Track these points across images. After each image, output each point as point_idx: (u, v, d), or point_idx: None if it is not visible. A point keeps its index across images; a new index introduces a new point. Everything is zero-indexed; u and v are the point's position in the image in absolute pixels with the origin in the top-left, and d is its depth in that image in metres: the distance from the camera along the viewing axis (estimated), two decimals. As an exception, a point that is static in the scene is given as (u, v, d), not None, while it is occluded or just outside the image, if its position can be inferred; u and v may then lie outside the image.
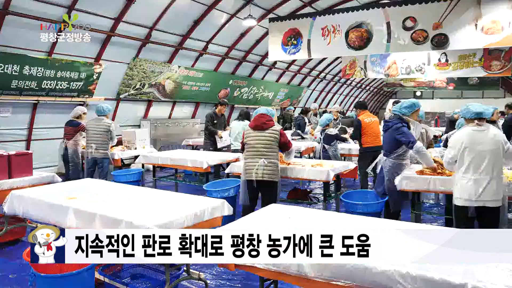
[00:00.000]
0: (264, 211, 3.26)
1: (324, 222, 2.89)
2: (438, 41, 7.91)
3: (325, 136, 6.98)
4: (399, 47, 8.40)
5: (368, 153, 6.46)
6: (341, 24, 8.76)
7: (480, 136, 3.50)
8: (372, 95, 28.30)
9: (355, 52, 8.86)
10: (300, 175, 5.15)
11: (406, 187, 4.36)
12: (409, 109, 4.59)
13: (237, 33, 12.34)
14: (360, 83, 24.38)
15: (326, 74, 19.60)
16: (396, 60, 13.14)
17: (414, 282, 1.99)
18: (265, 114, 4.68)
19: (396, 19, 8.21)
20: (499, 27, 7.36)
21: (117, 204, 3.41)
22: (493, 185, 3.47)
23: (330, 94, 22.40)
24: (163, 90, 11.31)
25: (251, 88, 15.20)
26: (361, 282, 2.13)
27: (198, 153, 7.13)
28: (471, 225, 3.61)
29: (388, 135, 4.63)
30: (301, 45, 9.31)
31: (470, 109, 3.59)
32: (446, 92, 24.11)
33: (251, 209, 4.47)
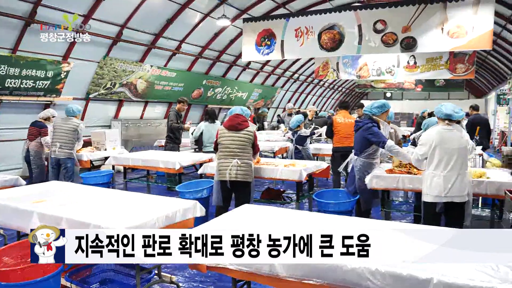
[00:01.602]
0: (237, 211, 3.24)
1: (296, 222, 2.91)
2: (407, 44, 8.12)
3: (297, 137, 7.04)
4: (370, 49, 8.57)
5: (340, 152, 6.55)
6: (314, 25, 8.86)
7: (449, 135, 3.64)
8: (344, 96, 28.79)
9: (327, 54, 8.98)
10: (273, 175, 5.17)
11: (376, 185, 4.46)
12: (379, 109, 4.68)
13: (211, 33, 12.28)
14: (332, 84, 24.77)
15: (299, 75, 19.80)
16: (367, 62, 13.41)
17: (383, 279, 2.03)
18: (240, 115, 4.66)
19: (367, 22, 8.37)
20: (464, 31, 7.62)
21: (85, 207, 3.31)
22: (460, 181, 3.62)
23: (303, 95, 22.63)
24: (134, 90, 11.11)
25: (225, 88, 15.17)
26: (332, 281, 2.16)
27: (171, 154, 7.03)
28: (439, 220, 3.73)
29: (359, 135, 4.71)
30: (274, 46, 9.35)
31: (442, 110, 3.72)
32: (415, 94, 24.83)
33: (224, 210, 4.45)
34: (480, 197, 5.05)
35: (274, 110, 20.47)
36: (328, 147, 8.08)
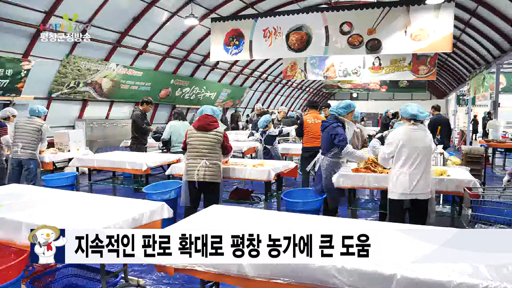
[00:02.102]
0: (206, 212, 3.22)
1: (265, 221, 2.92)
2: (372, 46, 8.33)
3: (266, 137, 7.08)
4: (336, 50, 8.73)
5: (309, 152, 6.63)
6: (282, 26, 8.93)
7: (415, 135, 3.77)
8: (312, 96, 29.20)
9: (295, 54, 9.08)
10: (241, 175, 5.17)
11: (343, 184, 4.56)
12: (345, 110, 4.78)
13: (179, 32, 12.13)
14: (300, 84, 25.06)
15: (268, 75, 19.90)
16: (334, 62, 13.65)
17: (349, 276, 2.08)
18: (210, 115, 4.62)
19: (334, 24, 8.52)
20: (426, 34, 7.90)
21: (47, 211, 3.18)
22: (425, 179, 3.77)
23: (272, 95, 22.78)
24: (99, 89, 10.81)
25: (193, 88, 15.03)
26: (300, 279, 2.18)
27: (138, 154, 6.89)
28: (403, 217, 3.85)
29: (326, 134, 4.79)
30: (243, 46, 9.35)
31: (408, 110, 3.86)
32: (380, 94, 25.54)
33: (193, 211, 4.40)
34: (441, 194, 5.25)
35: (243, 110, 20.49)
36: (297, 147, 8.18)
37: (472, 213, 3.81)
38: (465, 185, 4.17)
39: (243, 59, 12.75)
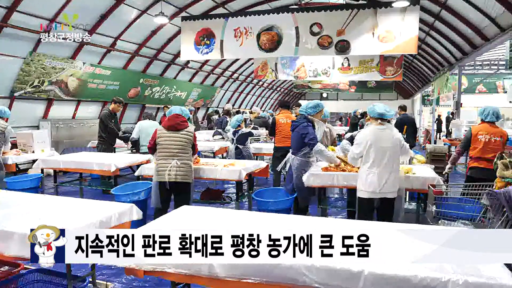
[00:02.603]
0: (176, 213, 3.18)
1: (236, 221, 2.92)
2: (341, 47, 8.48)
3: (238, 136, 7.07)
4: (306, 51, 8.84)
5: (281, 152, 6.67)
6: (253, 26, 8.96)
7: (382, 134, 3.86)
8: (283, 96, 29.42)
9: (266, 54, 9.12)
10: (212, 175, 5.15)
11: (313, 183, 4.62)
12: (314, 109, 4.85)
13: (148, 30, 11.93)
14: (271, 84, 25.20)
15: (239, 75, 19.90)
16: (304, 63, 13.82)
17: (318, 273, 2.11)
18: (180, 115, 4.60)
19: (304, 24, 8.62)
20: (392, 36, 8.13)
21: (10, 214, 3.05)
22: (393, 178, 3.87)
23: (243, 95, 22.79)
24: (66, 88, 10.48)
25: (163, 88, 14.83)
26: (270, 278, 2.20)
27: (106, 155, 6.72)
28: (372, 215, 3.95)
29: (296, 134, 4.84)
30: (214, 45, 9.32)
31: (375, 109, 3.95)
32: (349, 94, 26.03)
33: (163, 212, 4.35)
34: (407, 191, 5.41)
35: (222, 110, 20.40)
36: (268, 146, 8.22)
37: (436, 210, 3.96)
38: (430, 182, 4.32)
39: (214, 59, 12.70)
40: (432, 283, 1.97)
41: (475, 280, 1.94)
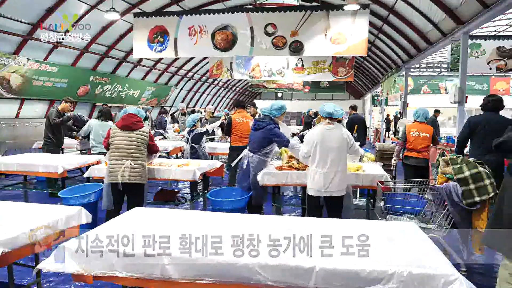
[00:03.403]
0: (128, 215, 3.10)
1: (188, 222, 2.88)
2: (295, 48, 8.63)
3: (193, 135, 6.98)
4: (261, 51, 8.90)
5: (237, 151, 6.67)
6: (208, 25, 8.89)
7: (330, 134, 3.96)
8: (238, 95, 29.46)
9: (221, 54, 9.09)
10: (166, 176, 5.05)
11: (268, 182, 4.68)
12: (278, 111, 4.92)
13: (99, 26, 11.48)
14: (227, 83, 25.16)
15: (194, 74, 19.68)
16: (259, 63, 13.91)
17: (272, 271, 2.14)
18: (134, 115, 4.52)
19: (259, 25, 8.68)
20: (344, 38, 8.39)
21: None
22: (339, 177, 3.97)
23: (198, 94, 22.56)
24: (8, 86, 9.84)
25: (115, 86, 14.35)
26: (225, 278, 2.20)
27: (53, 156, 6.39)
28: (320, 211, 4.06)
29: (260, 134, 4.84)
30: (167, 43, 9.15)
31: (324, 109, 4.05)
32: (303, 94, 26.52)
33: (115, 214, 4.20)
34: (358, 188, 5.61)
35: (168, 109, 20.02)
36: (223, 146, 8.20)
37: (384, 205, 4.14)
38: (378, 179, 4.51)
39: (168, 57, 12.48)
40: (380, 275, 2.06)
41: (419, 271, 2.05)
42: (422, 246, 2.41)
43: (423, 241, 2.51)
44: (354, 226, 2.77)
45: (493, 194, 3.55)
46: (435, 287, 2.02)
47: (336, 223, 2.91)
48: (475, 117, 5.08)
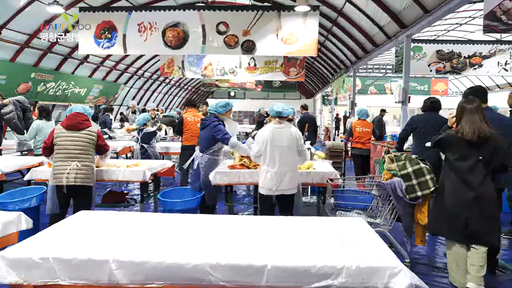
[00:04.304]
0: (72, 219, 2.94)
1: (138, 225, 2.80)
2: (247, 47, 8.65)
3: (143, 135, 6.80)
4: (213, 50, 8.84)
5: (189, 150, 6.58)
6: (158, 21, 8.70)
7: (280, 133, 4.00)
8: (190, 94, 29.11)
9: (172, 51, 8.92)
10: (115, 177, 4.86)
11: (220, 181, 4.65)
12: (223, 108, 4.89)
13: (40, 20, 10.82)
14: (178, 82, 24.75)
15: (144, 71, 19.17)
16: (211, 61, 13.80)
17: (224, 271, 2.13)
18: (81, 113, 4.30)
19: (211, 23, 8.62)
20: (295, 38, 8.53)
21: None
22: (290, 176, 4.01)
23: (149, 92, 22.01)
24: None
25: (59, 83, 13.63)
26: (175, 280, 2.15)
27: (-11, 158, 5.97)
28: (273, 210, 4.09)
29: (206, 132, 4.82)
30: (116, 40, 8.83)
31: (273, 108, 4.09)
32: (255, 93, 26.70)
33: (60, 218, 3.99)
34: (309, 186, 5.73)
35: (118, 108, 19.37)
36: (175, 145, 8.06)
37: (334, 202, 4.26)
38: (328, 177, 4.63)
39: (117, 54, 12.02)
40: (330, 271, 2.11)
41: (366, 264, 2.13)
42: (369, 240, 2.50)
43: (370, 235, 2.61)
44: (305, 223, 2.82)
45: (433, 189, 3.77)
46: (381, 279, 2.10)
47: (288, 220, 2.94)
48: (417, 116, 5.37)
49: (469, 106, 3.40)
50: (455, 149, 3.39)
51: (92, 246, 2.28)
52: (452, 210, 3.38)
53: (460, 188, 3.36)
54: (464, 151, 3.34)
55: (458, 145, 3.36)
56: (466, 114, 3.38)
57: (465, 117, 3.38)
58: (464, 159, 3.34)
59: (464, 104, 3.45)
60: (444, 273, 3.97)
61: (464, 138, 3.30)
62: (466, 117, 3.37)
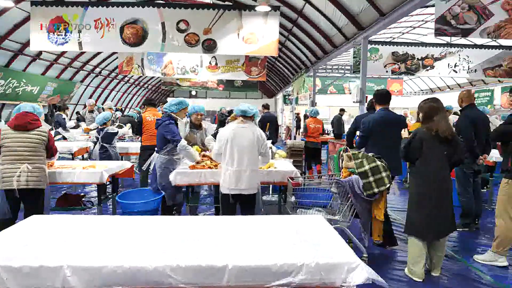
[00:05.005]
0: (23, 224, 2.80)
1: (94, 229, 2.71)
2: (208, 46, 8.59)
3: (104, 134, 6.56)
4: (173, 48, 8.70)
5: (149, 151, 6.45)
6: (116, 18, 8.45)
7: (242, 132, 3.99)
8: (150, 93, 28.52)
9: (130, 49, 8.69)
10: (70, 179, 4.66)
11: (181, 182, 4.58)
12: (177, 107, 4.82)
13: (-13, 14, 10.24)
14: (138, 80, 24.18)
15: (102, 69, 18.57)
16: (172, 60, 13.57)
17: (184, 273, 2.10)
18: (30, 113, 4.09)
19: (171, 20, 8.47)
20: (256, 38, 8.56)
21: None
22: (250, 175, 3.99)
23: (107, 91, 21.35)
24: None
25: (9, 81, 12.91)
26: (135, 284, 2.10)
27: None
28: (234, 210, 4.08)
29: (159, 132, 4.74)
30: (70, 36, 8.48)
31: (239, 107, 4.08)
32: (217, 92, 26.63)
33: (10, 224, 3.79)
34: (270, 184, 5.78)
35: (74, 107, 18.64)
36: (135, 145, 7.87)
37: (295, 200, 4.32)
38: (289, 175, 4.69)
39: (72, 50, 11.60)
40: (290, 268, 2.14)
41: (325, 261, 2.17)
42: (328, 237, 2.56)
43: (329, 232, 2.67)
44: (265, 222, 2.84)
45: (389, 185, 3.91)
46: (339, 274, 2.15)
47: (249, 220, 2.95)
48: (360, 116, 5.72)
49: (440, 105, 3.75)
50: (427, 145, 3.70)
51: (44, 252, 2.18)
52: (430, 207, 3.69)
53: (434, 184, 3.69)
54: (435, 148, 3.69)
55: (429, 141, 3.69)
56: (439, 113, 3.71)
57: (439, 115, 3.70)
58: (436, 155, 3.69)
59: (433, 103, 3.78)
60: (400, 265, 4.14)
61: (438, 134, 3.64)
62: (440, 115, 3.70)
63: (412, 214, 3.85)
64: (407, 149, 3.82)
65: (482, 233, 5.32)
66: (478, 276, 3.94)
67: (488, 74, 11.95)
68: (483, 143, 5.22)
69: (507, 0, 6.62)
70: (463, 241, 5.04)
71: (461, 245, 4.89)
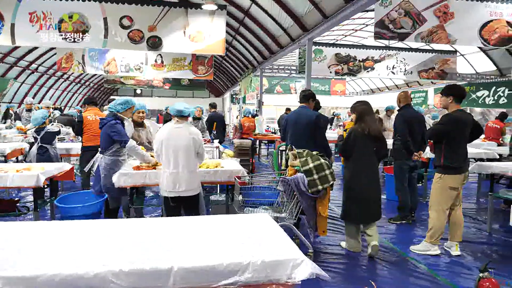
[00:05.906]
0: None
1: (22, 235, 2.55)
2: (153, 43, 8.40)
3: (44, 134, 6.13)
4: (116, 44, 8.42)
5: (91, 151, 6.17)
6: (53, 12, 8.01)
7: (178, 133, 3.89)
8: (92, 91, 27.34)
9: (69, 44, 8.28)
10: (2, 183, 4.33)
11: (125, 183, 4.42)
12: (123, 106, 4.65)
13: None
14: (79, 78, 23.07)
15: (38, 66, 17.49)
16: (115, 57, 13.09)
17: (127, 278, 2.03)
18: None
19: (113, 16, 8.20)
20: (202, 37, 8.51)
21: None
22: (188, 177, 3.91)
23: (44, 88, 20.15)
24: None
25: None
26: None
27: None
28: (178, 211, 4.00)
29: (103, 132, 4.56)
30: (2, 29, 7.93)
31: (174, 107, 3.98)
32: (164, 91, 26.09)
33: None
34: (217, 184, 5.76)
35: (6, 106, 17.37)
36: (75, 146, 7.49)
37: (242, 199, 4.34)
38: (236, 174, 4.71)
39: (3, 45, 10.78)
40: (236, 267, 2.14)
41: (271, 258, 2.21)
42: (273, 235, 2.60)
43: (275, 230, 2.71)
44: (211, 222, 2.84)
45: (332, 182, 4.06)
46: (285, 270, 2.19)
47: (195, 220, 2.92)
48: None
49: (370, 108, 4.39)
50: (360, 142, 4.29)
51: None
52: (363, 196, 4.33)
53: (366, 176, 4.32)
54: (367, 145, 4.31)
55: (362, 139, 4.29)
56: (370, 114, 4.34)
57: (370, 116, 4.33)
58: (367, 151, 4.32)
59: (365, 106, 4.38)
60: (344, 259, 4.31)
61: (370, 133, 4.26)
62: (370, 116, 4.34)
63: (347, 202, 4.47)
64: (345, 146, 4.39)
65: (418, 224, 5.68)
66: (414, 266, 4.21)
67: (422, 76, 12.77)
68: (419, 141, 5.58)
69: (438, 7, 7.13)
70: (401, 232, 5.34)
71: (399, 236, 5.19)
